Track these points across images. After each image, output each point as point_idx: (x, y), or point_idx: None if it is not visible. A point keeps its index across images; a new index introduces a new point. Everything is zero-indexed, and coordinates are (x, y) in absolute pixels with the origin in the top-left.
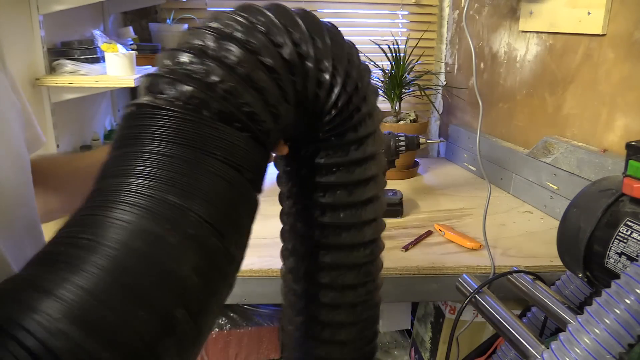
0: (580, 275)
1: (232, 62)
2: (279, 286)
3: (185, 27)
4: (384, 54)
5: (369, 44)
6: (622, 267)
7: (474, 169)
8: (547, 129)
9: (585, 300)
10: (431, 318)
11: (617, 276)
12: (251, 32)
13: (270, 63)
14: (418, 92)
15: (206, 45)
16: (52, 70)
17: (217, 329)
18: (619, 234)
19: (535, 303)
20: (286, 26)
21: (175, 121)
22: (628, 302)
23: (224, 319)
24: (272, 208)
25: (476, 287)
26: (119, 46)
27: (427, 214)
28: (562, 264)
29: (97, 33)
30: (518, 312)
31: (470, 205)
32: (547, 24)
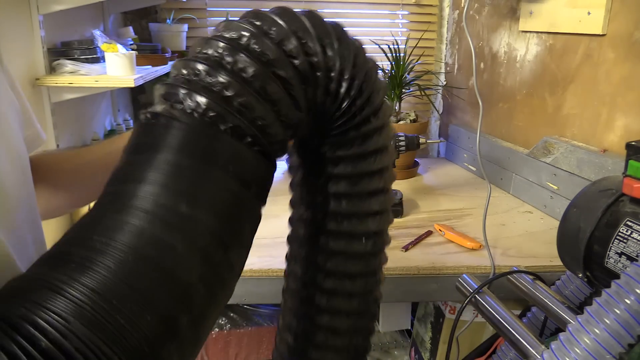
0: (580, 275)
1: (248, 75)
2: (279, 286)
3: (185, 27)
4: (384, 54)
5: (369, 44)
6: (622, 267)
7: (474, 169)
8: (547, 129)
9: (585, 300)
10: (431, 318)
11: (617, 276)
12: (265, 43)
13: (284, 75)
14: (418, 92)
15: (222, 57)
16: (52, 70)
17: (217, 329)
18: (619, 234)
19: (535, 303)
20: (297, 34)
21: (192, 134)
22: (628, 302)
23: (224, 319)
24: (273, 208)
25: (476, 287)
26: (119, 46)
27: (427, 214)
28: (562, 264)
29: (97, 33)
30: (518, 312)
31: (470, 205)
32: (547, 24)
